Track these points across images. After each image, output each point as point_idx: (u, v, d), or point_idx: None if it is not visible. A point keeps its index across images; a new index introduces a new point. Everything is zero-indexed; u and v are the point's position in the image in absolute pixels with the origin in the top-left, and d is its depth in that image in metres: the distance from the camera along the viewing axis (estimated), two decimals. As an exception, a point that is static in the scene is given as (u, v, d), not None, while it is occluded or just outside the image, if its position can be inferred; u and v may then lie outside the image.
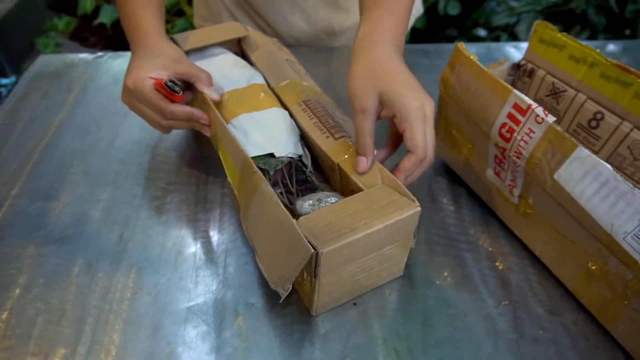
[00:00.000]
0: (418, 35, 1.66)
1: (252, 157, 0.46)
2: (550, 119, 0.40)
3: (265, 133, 0.50)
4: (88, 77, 0.75)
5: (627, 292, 0.38)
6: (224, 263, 0.48)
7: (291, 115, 0.53)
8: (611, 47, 0.86)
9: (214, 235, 0.51)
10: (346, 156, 0.46)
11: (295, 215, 0.41)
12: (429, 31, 1.68)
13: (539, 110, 0.41)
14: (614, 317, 0.41)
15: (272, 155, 0.49)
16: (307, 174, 0.51)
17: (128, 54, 0.54)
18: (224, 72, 0.57)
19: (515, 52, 0.83)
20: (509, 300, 0.45)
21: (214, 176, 0.57)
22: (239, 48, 0.66)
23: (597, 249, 0.39)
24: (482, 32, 1.71)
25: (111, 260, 0.48)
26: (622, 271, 0.38)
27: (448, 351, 0.41)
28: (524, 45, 0.76)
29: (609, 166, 0.36)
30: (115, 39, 1.83)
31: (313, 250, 0.36)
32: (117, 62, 0.78)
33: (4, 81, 1.40)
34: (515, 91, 0.43)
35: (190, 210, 0.53)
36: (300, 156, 0.50)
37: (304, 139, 0.52)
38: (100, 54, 0.80)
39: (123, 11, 0.55)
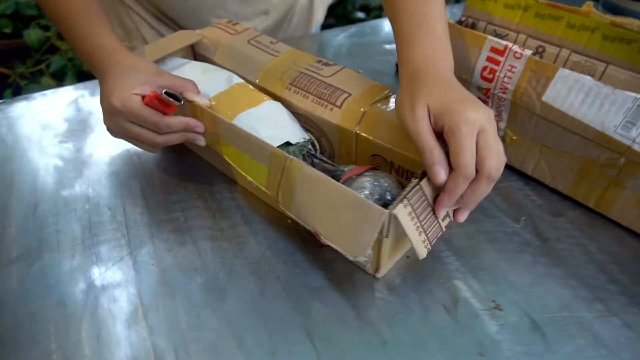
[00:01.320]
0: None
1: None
2: (527, 52, 0.48)
3: (271, 125, 0.51)
4: None
5: (620, 176, 0.47)
6: (276, 270, 0.48)
7: (286, 103, 0.54)
8: None
9: (251, 242, 0.50)
10: (360, 122, 0.50)
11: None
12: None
13: (516, 48, 0.48)
14: (610, 201, 0.50)
15: (288, 143, 0.50)
16: (318, 156, 0.53)
17: None
18: (198, 80, 0.56)
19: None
20: (526, 215, 0.52)
21: (214, 184, 0.56)
22: (194, 55, 0.65)
23: (589, 150, 0.48)
24: (360, 14, 1.84)
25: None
26: (615, 159, 0.46)
27: (497, 273, 0.47)
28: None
29: (589, 77, 0.44)
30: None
31: (387, 211, 0.39)
32: None
33: None
34: (490, 37, 0.50)
35: (212, 224, 0.52)
36: (308, 140, 0.52)
37: (308, 121, 0.54)
38: None
39: (77, 36, 0.52)
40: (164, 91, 0.47)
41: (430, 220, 0.40)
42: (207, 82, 0.56)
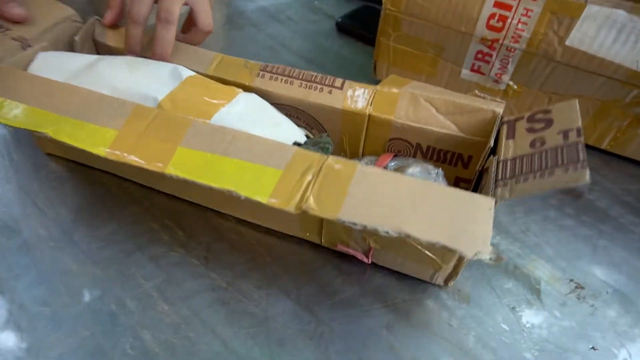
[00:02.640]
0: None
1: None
2: (545, -9, 0.41)
3: (261, 124, 0.38)
4: None
5: (644, 112, 0.44)
6: (327, 322, 0.37)
7: (262, 93, 0.41)
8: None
9: (280, 297, 0.38)
10: (371, 102, 0.39)
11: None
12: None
13: (531, -13, 0.41)
14: (628, 140, 0.47)
15: (296, 144, 0.38)
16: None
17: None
18: (128, 81, 0.39)
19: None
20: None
21: (182, 216, 0.42)
22: (95, 46, 0.47)
23: (614, 91, 0.44)
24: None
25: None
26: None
27: (554, 248, 0.42)
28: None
29: (622, 11, 0.40)
30: None
31: (493, 198, 0.30)
32: None
33: None
34: (497, -23, 0.42)
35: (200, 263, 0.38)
36: (325, 135, 0.40)
37: (293, 111, 0.42)
38: None
39: None
40: None
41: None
42: (143, 81, 0.39)
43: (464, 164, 0.41)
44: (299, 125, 0.42)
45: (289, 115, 0.43)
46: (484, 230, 0.28)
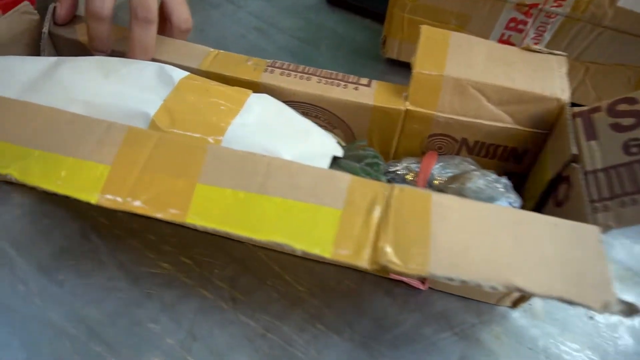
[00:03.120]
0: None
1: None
2: (597, -55, 0.35)
3: (288, 136, 0.31)
4: None
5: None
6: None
7: (273, 91, 0.34)
8: None
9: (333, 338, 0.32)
10: (403, 100, 0.33)
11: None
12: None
13: (580, -59, 0.35)
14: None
15: (334, 159, 0.31)
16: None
17: None
18: (105, 91, 0.31)
19: None
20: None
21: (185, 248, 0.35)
22: (53, 44, 0.37)
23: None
24: None
25: None
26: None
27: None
28: None
29: (687, -35, 0.34)
30: None
31: (596, 227, 0.24)
32: None
33: None
34: None
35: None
36: (369, 150, 0.33)
37: (311, 109, 0.35)
38: None
39: None
40: None
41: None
42: (125, 90, 0.31)
43: (517, 158, 0.36)
44: (319, 126, 0.35)
45: (306, 114, 0.36)
46: (601, 271, 0.23)
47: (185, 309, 0.31)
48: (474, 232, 0.23)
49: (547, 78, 0.32)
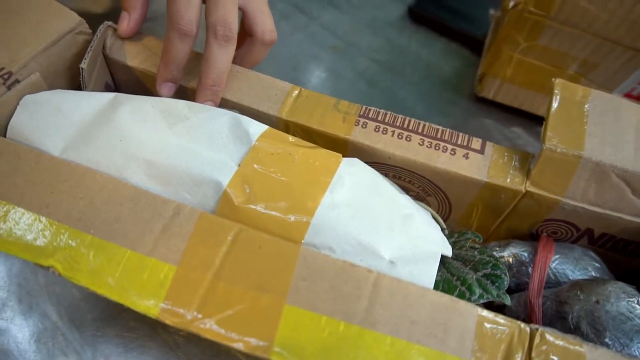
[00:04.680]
0: None
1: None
2: None
3: (387, 226, 0.25)
4: None
5: None
6: None
7: (363, 152, 0.28)
8: None
9: None
10: (528, 173, 0.27)
11: None
12: None
13: None
14: None
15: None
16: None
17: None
18: (177, 148, 0.25)
19: None
20: None
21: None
22: (110, 73, 0.32)
23: None
24: None
25: None
26: None
27: None
28: None
29: None
30: None
31: None
32: None
33: None
34: None
35: None
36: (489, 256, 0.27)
37: (405, 175, 0.29)
38: None
39: None
40: None
41: None
42: (194, 148, 0.25)
43: (652, 258, 0.29)
44: (408, 192, 0.30)
45: (397, 178, 0.30)
46: None
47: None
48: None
49: None
